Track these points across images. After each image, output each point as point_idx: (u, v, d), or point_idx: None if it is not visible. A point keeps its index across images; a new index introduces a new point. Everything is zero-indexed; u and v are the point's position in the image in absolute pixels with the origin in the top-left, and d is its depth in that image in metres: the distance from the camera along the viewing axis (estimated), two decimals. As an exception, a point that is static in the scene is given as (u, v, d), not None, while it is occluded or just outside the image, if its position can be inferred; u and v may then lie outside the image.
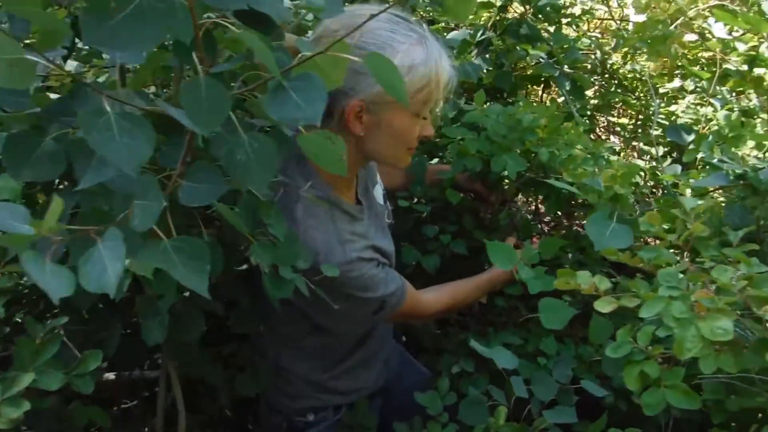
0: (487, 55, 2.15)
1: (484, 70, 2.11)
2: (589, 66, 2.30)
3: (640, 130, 2.41)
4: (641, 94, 2.50)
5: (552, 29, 2.26)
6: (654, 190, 2.10)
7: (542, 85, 2.33)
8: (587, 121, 2.27)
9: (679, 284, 0.97)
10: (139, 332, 1.19)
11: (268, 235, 1.18)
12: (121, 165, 0.77)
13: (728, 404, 1.16)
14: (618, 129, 2.55)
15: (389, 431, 1.54)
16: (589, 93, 2.46)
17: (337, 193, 1.37)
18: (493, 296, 1.88)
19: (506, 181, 1.93)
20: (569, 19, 2.32)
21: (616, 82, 2.48)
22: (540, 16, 2.17)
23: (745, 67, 1.43)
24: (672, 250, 1.19)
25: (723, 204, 1.38)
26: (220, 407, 1.71)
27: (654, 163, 2.15)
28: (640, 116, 2.46)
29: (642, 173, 2.00)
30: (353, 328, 1.55)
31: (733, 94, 1.99)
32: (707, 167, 1.52)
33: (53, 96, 1.12)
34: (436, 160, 2.15)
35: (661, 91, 2.52)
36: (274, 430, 1.60)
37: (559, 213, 2.16)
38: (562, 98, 2.19)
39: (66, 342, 1.15)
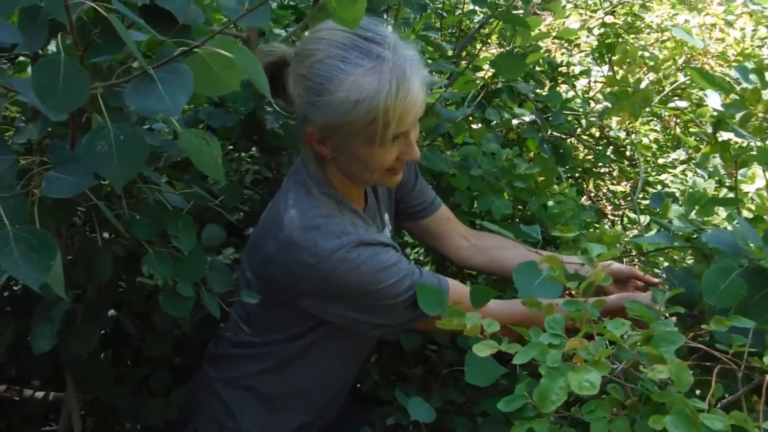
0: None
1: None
2: (579, 129, 2.23)
3: (629, 198, 2.32)
4: (640, 162, 2.43)
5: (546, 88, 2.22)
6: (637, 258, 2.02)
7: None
8: (573, 183, 2.20)
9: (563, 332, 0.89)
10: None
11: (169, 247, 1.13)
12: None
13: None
14: (609, 195, 2.47)
15: None
16: (580, 155, 2.39)
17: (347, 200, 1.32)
18: (444, 349, 1.79)
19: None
20: (564, 78, 2.27)
21: (612, 147, 2.40)
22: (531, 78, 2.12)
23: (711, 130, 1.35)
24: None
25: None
26: (128, 433, 1.63)
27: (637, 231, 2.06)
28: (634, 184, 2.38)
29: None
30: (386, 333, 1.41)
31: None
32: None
33: None
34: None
35: (660, 161, 2.44)
36: None
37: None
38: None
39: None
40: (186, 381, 1.54)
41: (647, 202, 2.29)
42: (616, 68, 1.97)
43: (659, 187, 2.17)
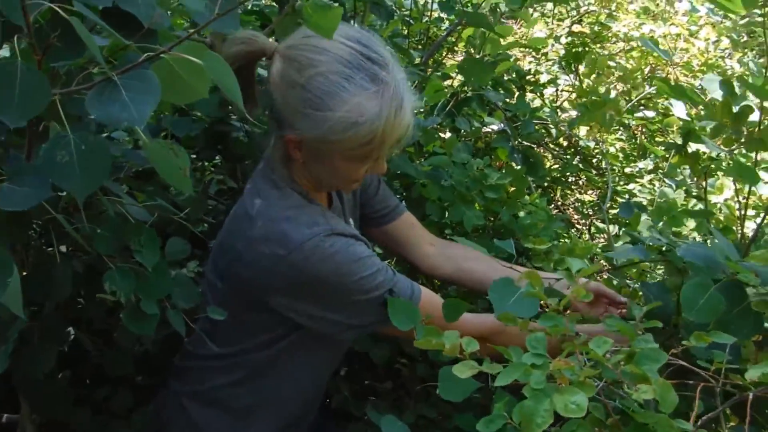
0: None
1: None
2: (547, 139, 2.23)
3: (597, 207, 2.33)
4: (608, 172, 2.43)
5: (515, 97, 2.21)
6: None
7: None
8: (541, 191, 2.19)
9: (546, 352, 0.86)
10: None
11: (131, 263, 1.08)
12: None
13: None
14: (576, 204, 2.48)
15: None
16: (548, 164, 2.39)
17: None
18: (417, 364, 1.77)
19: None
20: (532, 87, 2.26)
21: (579, 156, 2.41)
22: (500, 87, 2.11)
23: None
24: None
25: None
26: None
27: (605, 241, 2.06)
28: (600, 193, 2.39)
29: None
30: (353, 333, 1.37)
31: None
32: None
33: None
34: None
35: (627, 170, 2.45)
36: None
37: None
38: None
39: None
40: (149, 401, 1.48)
41: (615, 211, 2.30)
42: (583, 78, 1.97)
43: (627, 196, 2.18)
